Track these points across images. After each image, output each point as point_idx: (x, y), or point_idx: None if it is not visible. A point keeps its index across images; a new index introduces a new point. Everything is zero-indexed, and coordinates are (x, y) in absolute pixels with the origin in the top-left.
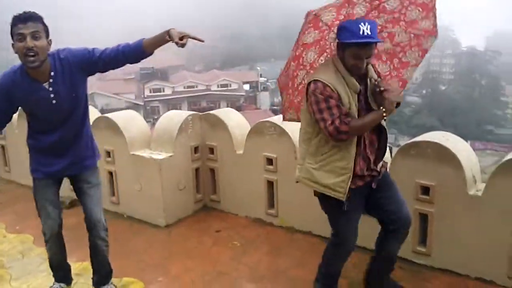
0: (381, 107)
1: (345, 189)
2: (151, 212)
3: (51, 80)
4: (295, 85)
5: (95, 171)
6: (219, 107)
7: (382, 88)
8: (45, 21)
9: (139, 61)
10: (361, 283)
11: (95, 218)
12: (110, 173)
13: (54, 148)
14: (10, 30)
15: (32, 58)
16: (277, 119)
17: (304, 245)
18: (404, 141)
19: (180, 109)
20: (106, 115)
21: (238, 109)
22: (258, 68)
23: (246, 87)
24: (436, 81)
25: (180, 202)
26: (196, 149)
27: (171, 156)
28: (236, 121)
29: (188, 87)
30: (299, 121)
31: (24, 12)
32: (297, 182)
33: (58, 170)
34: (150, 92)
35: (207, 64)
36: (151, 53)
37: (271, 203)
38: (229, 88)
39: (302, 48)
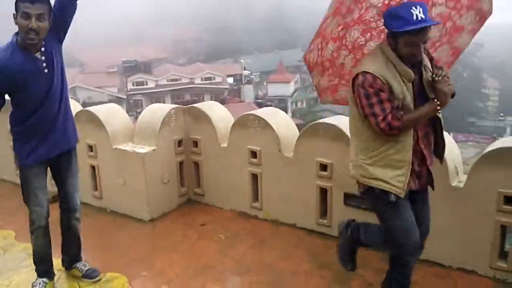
0: (435, 99)
1: (404, 183)
2: (135, 207)
3: (42, 49)
4: (336, 65)
5: (75, 154)
6: (203, 100)
7: (436, 78)
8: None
9: None
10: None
11: (75, 203)
12: (93, 167)
13: (42, 127)
14: (16, 3)
15: (33, 37)
16: (261, 111)
17: (289, 237)
18: None
19: (163, 102)
20: (88, 108)
21: (222, 102)
22: (242, 61)
23: (230, 80)
24: None
25: (164, 196)
26: (179, 143)
27: (154, 149)
28: (219, 114)
29: (172, 80)
30: (334, 103)
31: None
32: (357, 183)
33: (49, 149)
34: (133, 85)
35: (191, 57)
36: None
37: (255, 196)
38: (213, 81)
39: (342, 27)
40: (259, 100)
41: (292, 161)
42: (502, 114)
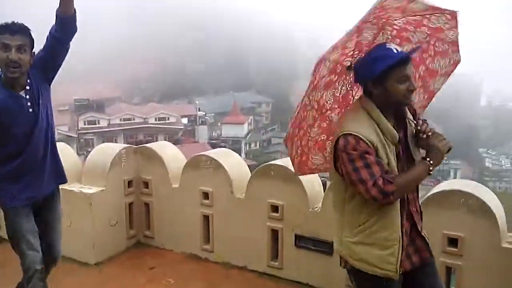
0: (427, 158)
1: (396, 265)
2: (81, 249)
3: (27, 88)
4: (305, 128)
5: (59, 198)
6: (156, 140)
7: (429, 134)
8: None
9: (71, 30)
10: None
11: (57, 254)
12: None
13: (29, 168)
14: None
15: (14, 69)
16: (213, 152)
17: (240, 280)
18: None
19: (116, 142)
20: None
21: (177, 142)
22: (197, 102)
23: (185, 120)
24: None
25: (112, 239)
26: (130, 183)
27: (102, 190)
28: (171, 154)
29: (125, 119)
30: (311, 173)
31: (13, 24)
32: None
33: (38, 190)
34: (85, 124)
35: (145, 96)
36: (70, 11)
37: (206, 238)
38: (167, 121)
39: (308, 95)
40: (213, 141)
41: (244, 202)
42: (446, 158)
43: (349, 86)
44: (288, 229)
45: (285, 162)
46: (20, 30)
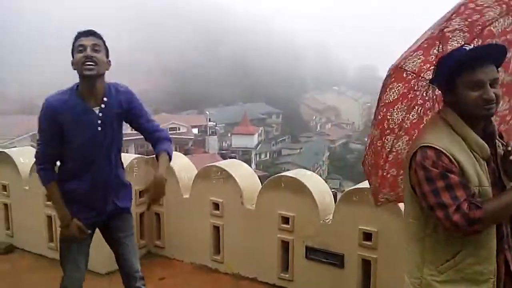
0: None
1: None
2: (91, 259)
3: (102, 106)
4: (384, 156)
5: (131, 217)
6: None
7: None
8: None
9: None
10: None
11: (134, 270)
12: (49, 218)
13: (89, 193)
14: (72, 46)
15: (90, 66)
16: (224, 163)
17: None
18: (348, 187)
19: (127, 152)
20: None
21: (187, 152)
22: (207, 112)
23: (195, 131)
24: None
25: None
26: (141, 193)
27: None
28: (182, 165)
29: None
30: (399, 201)
31: (86, 29)
32: None
33: (96, 213)
34: None
35: (156, 107)
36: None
37: (217, 249)
38: (177, 131)
39: (384, 109)
40: (223, 151)
41: (254, 214)
42: None
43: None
44: (299, 241)
45: (296, 173)
46: (93, 33)
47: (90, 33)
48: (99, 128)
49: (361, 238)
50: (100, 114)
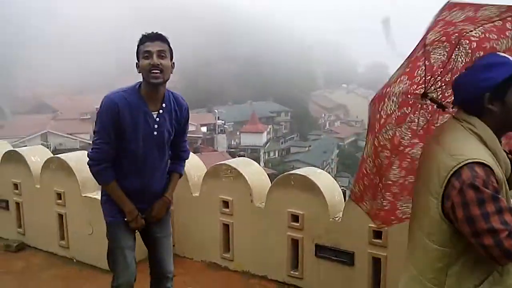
0: None
1: None
2: (102, 257)
3: (160, 111)
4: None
5: (169, 218)
6: None
7: None
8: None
9: None
10: None
11: (167, 270)
12: (60, 216)
13: (136, 192)
14: (137, 48)
15: (156, 74)
16: (233, 161)
17: None
18: None
19: None
20: (58, 155)
21: (196, 150)
22: (216, 111)
23: (204, 129)
24: None
25: None
26: None
27: None
28: (192, 163)
29: None
30: (399, 222)
31: (153, 32)
32: None
33: (141, 211)
34: None
35: None
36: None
37: (226, 247)
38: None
39: (375, 137)
40: (232, 150)
41: (264, 212)
42: None
43: (429, 116)
44: (309, 239)
45: (305, 171)
46: (159, 37)
47: (156, 38)
48: (155, 133)
49: (371, 236)
50: (157, 119)
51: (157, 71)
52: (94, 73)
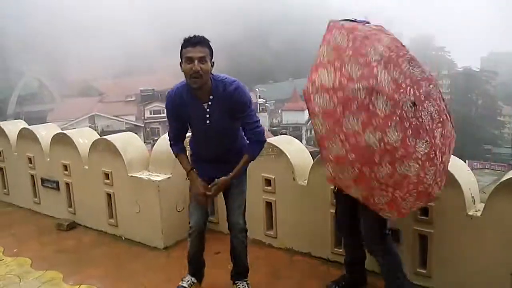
0: None
1: None
2: (150, 235)
3: (209, 103)
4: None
5: (244, 178)
6: None
7: None
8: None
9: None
10: None
11: (234, 221)
12: (109, 195)
13: (206, 159)
14: (180, 51)
15: (195, 79)
16: (275, 139)
17: (304, 267)
18: None
19: None
20: (104, 137)
21: None
22: (257, 89)
23: None
24: None
25: (179, 224)
26: None
27: (169, 177)
28: None
29: None
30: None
31: (195, 36)
32: None
33: (209, 176)
34: (151, 113)
35: None
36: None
37: (270, 224)
38: None
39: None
40: (274, 128)
41: (306, 189)
42: None
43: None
44: None
45: None
46: (200, 42)
47: (197, 43)
48: (208, 122)
49: (417, 213)
50: (208, 109)
51: (197, 77)
52: (137, 56)
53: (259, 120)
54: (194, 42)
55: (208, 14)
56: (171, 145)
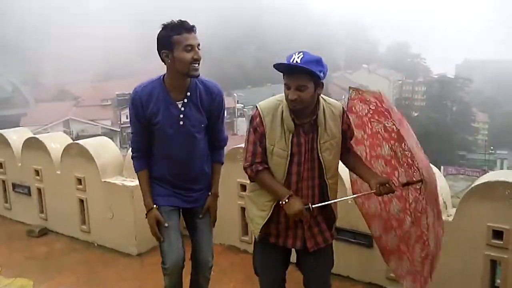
0: None
1: None
2: (123, 241)
3: (185, 100)
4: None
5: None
6: None
7: None
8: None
9: None
10: None
11: (205, 258)
12: (81, 201)
13: (170, 178)
14: (168, 37)
15: (197, 67)
16: None
17: None
18: None
19: None
20: (77, 141)
21: None
22: (235, 94)
23: None
24: (408, 107)
25: None
26: None
27: None
28: None
29: None
30: None
31: (185, 21)
32: None
33: (177, 202)
34: (127, 118)
35: None
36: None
37: (245, 230)
38: None
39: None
40: None
41: None
42: (492, 148)
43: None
44: None
45: None
46: (193, 27)
47: (191, 29)
48: (181, 123)
49: None
50: (182, 109)
51: (197, 64)
52: (115, 60)
53: None
54: (188, 28)
55: (190, 17)
56: (133, 158)
